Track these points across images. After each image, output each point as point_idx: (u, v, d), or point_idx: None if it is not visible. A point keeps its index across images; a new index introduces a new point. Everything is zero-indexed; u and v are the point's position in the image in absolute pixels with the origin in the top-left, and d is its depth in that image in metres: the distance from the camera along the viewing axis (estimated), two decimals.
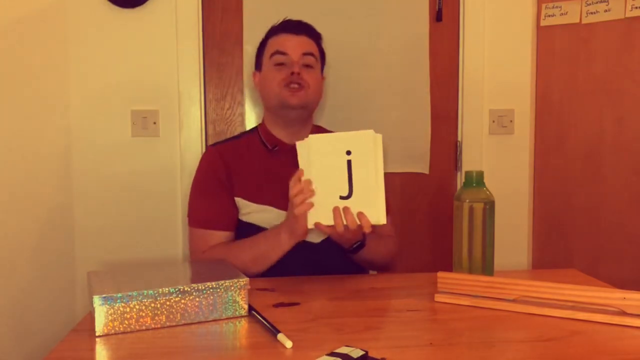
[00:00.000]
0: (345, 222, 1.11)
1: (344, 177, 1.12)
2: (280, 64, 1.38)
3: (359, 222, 1.11)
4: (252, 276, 1.27)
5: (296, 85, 1.36)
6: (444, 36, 2.01)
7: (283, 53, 1.38)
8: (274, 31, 1.44)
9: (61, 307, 1.84)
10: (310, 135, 1.14)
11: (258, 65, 1.48)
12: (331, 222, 1.12)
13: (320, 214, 1.13)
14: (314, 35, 1.45)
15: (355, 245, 1.29)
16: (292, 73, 1.36)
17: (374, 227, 1.13)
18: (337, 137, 1.13)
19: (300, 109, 1.39)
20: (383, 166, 1.12)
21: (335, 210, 1.11)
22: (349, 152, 1.11)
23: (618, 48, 1.85)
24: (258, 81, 1.48)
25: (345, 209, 1.11)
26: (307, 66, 1.39)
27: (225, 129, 1.98)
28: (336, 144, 1.12)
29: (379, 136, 1.12)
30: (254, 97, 1.95)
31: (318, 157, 1.13)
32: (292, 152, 1.17)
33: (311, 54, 1.40)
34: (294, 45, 1.39)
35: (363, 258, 1.35)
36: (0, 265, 1.57)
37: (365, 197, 1.11)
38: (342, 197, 1.12)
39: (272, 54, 1.40)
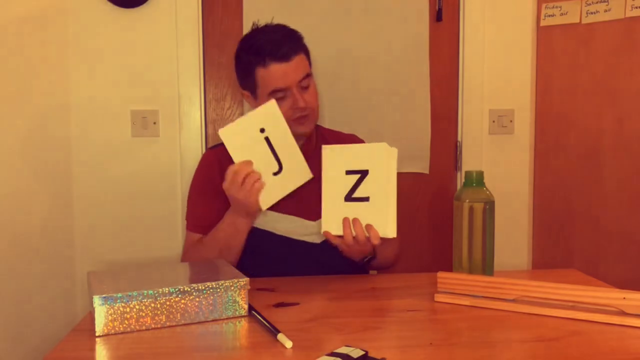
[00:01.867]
0: (354, 233, 1.12)
1: (354, 187, 1.13)
2: (281, 98, 1.30)
3: (367, 234, 1.11)
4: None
5: (305, 114, 1.33)
6: (444, 36, 2.01)
7: (282, 90, 1.30)
8: (260, 57, 1.29)
9: (61, 307, 1.85)
10: (324, 146, 1.16)
11: (249, 87, 1.36)
12: (340, 232, 1.13)
13: (330, 222, 1.14)
14: (300, 46, 1.33)
15: (366, 259, 1.30)
16: (297, 108, 1.31)
17: (383, 238, 1.13)
18: (351, 148, 1.15)
19: (311, 131, 1.38)
20: (396, 179, 1.13)
21: (345, 221, 1.12)
22: (362, 168, 1.13)
23: (618, 48, 1.85)
24: (253, 104, 1.38)
25: (355, 221, 1.12)
26: (305, 87, 1.33)
27: None
28: (350, 155, 1.14)
29: (394, 150, 1.13)
30: None
31: (331, 167, 1.15)
32: None
33: (307, 76, 1.33)
34: (289, 76, 1.29)
35: (372, 265, 1.36)
36: (0, 265, 1.57)
37: (375, 210, 1.11)
38: (354, 210, 1.13)
39: (271, 92, 1.30)
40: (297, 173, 1.19)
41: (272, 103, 1.18)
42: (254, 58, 1.30)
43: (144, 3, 1.88)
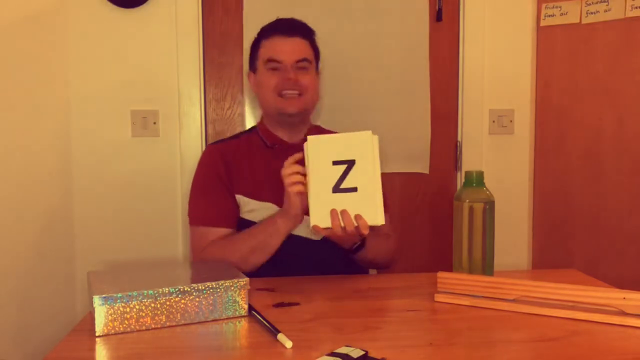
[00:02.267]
0: (342, 224, 1.12)
1: (341, 177, 1.12)
2: (274, 69, 1.38)
3: (356, 224, 1.12)
4: (251, 270, 1.27)
5: (294, 93, 1.36)
6: (444, 36, 2.01)
7: (277, 61, 1.37)
8: (266, 32, 1.41)
9: (61, 307, 1.84)
10: (309, 137, 1.15)
11: (252, 66, 1.47)
12: (329, 224, 1.12)
13: (318, 215, 1.13)
14: (307, 34, 1.43)
15: (355, 246, 1.29)
16: (287, 79, 1.35)
17: (372, 227, 1.13)
18: (335, 139, 1.14)
19: (298, 115, 1.40)
20: (380, 167, 1.13)
21: (333, 212, 1.12)
22: (348, 158, 1.12)
23: (618, 48, 1.85)
24: (254, 83, 1.47)
25: (343, 212, 1.12)
26: (302, 69, 1.39)
27: (225, 129, 1.98)
28: (334, 145, 1.13)
29: (376, 137, 1.13)
30: (254, 97, 1.95)
31: (316, 158, 1.13)
32: (292, 150, 1.18)
33: (305, 59, 1.39)
34: (287, 51, 1.37)
35: (364, 258, 1.35)
36: (0, 265, 1.57)
37: (362, 199, 1.11)
38: (339, 190, 1.12)
39: (266, 61, 1.38)
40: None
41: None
42: (262, 33, 1.42)
43: (144, 3, 1.88)
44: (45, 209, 1.79)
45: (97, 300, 0.89)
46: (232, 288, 0.98)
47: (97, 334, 0.90)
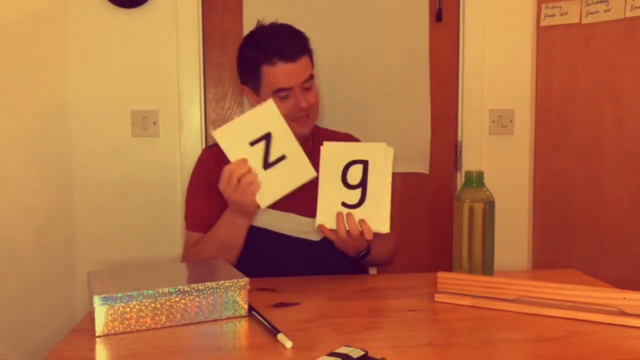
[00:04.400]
0: (347, 228, 1.13)
1: (353, 183, 1.15)
2: (284, 97, 1.32)
3: (360, 229, 1.13)
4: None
5: (303, 117, 1.34)
6: (444, 36, 2.01)
7: (286, 90, 1.31)
8: (267, 56, 1.29)
9: (61, 307, 1.84)
10: (325, 142, 1.18)
11: (250, 84, 1.37)
12: (334, 226, 1.15)
13: (325, 215, 1.15)
14: (306, 47, 1.34)
15: (360, 255, 1.30)
16: (299, 108, 1.32)
17: (375, 233, 1.14)
18: (351, 147, 1.17)
19: (309, 134, 1.40)
20: (391, 178, 1.15)
21: (339, 215, 1.14)
22: (360, 162, 1.14)
23: (618, 48, 1.85)
24: (254, 102, 1.39)
25: (349, 215, 1.13)
26: (308, 89, 1.34)
27: None
28: (349, 153, 1.16)
29: (391, 149, 1.15)
30: None
31: (329, 162, 1.16)
32: None
33: (310, 77, 1.34)
34: (294, 77, 1.30)
35: (366, 260, 1.35)
36: (0, 265, 1.57)
37: (369, 205, 1.13)
38: (348, 205, 1.14)
39: (275, 91, 1.31)
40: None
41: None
42: (261, 55, 1.30)
43: (144, 3, 1.88)
44: (45, 209, 1.79)
45: (97, 300, 0.89)
46: (232, 288, 0.98)
47: (97, 334, 0.90)
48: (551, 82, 1.99)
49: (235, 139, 1.16)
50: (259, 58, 1.31)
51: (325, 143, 1.18)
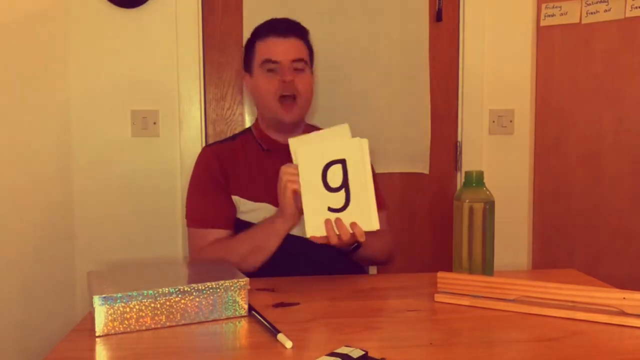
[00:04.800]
0: (337, 233, 1.12)
1: (335, 186, 1.12)
2: (271, 70, 1.38)
3: (351, 232, 1.12)
4: (250, 271, 1.27)
5: (289, 99, 1.36)
6: (444, 36, 2.02)
7: (274, 61, 1.36)
8: (261, 33, 1.40)
9: (61, 307, 1.84)
10: (290, 140, 1.16)
11: (247, 67, 1.46)
12: (324, 233, 1.12)
13: (314, 226, 1.12)
14: (302, 34, 1.42)
15: (352, 248, 1.29)
16: (284, 81, 1.35)
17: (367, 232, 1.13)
18: (325, 146, 1.13)
19: (295, 123, 1.41)
20: (371, 170, 1.13)
21: (327, 223, 1.12)
22: (338, 161, 1.12)
23: (618, 48, 1.85)
24: (249, 86, 1.47)
25: (337, 220, 1.12)
26: (299, 70, 1.38)
27: (225, 129, 1.98)
28: (325, 154, 1.13)
29: (365, 141, 1.13)
30: None
31: (308, 168, 1.13)
32: (287, 151, 1.18)
33: (301, 60, 1.39)
34: (283, 51, 1.37)
35: (362, 256, 1.35)
36: (0, 265, 1.57)
37: (356, 206, 1.12)
38: (335, 210, 1.12)
39: (263, 62, 1.38)
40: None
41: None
42: (256, 34, 1.42)
43: (144, 3, 1.88)
44: (45, 209, 1.79)
45: (97, 300, 0.89)
46: (232, 288, 0.98)
47: (97, 334, 0.90)
48: (551, 82, 1.99)
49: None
50: (254, 37, 1.42)
51: (290, 140, 1.16)
